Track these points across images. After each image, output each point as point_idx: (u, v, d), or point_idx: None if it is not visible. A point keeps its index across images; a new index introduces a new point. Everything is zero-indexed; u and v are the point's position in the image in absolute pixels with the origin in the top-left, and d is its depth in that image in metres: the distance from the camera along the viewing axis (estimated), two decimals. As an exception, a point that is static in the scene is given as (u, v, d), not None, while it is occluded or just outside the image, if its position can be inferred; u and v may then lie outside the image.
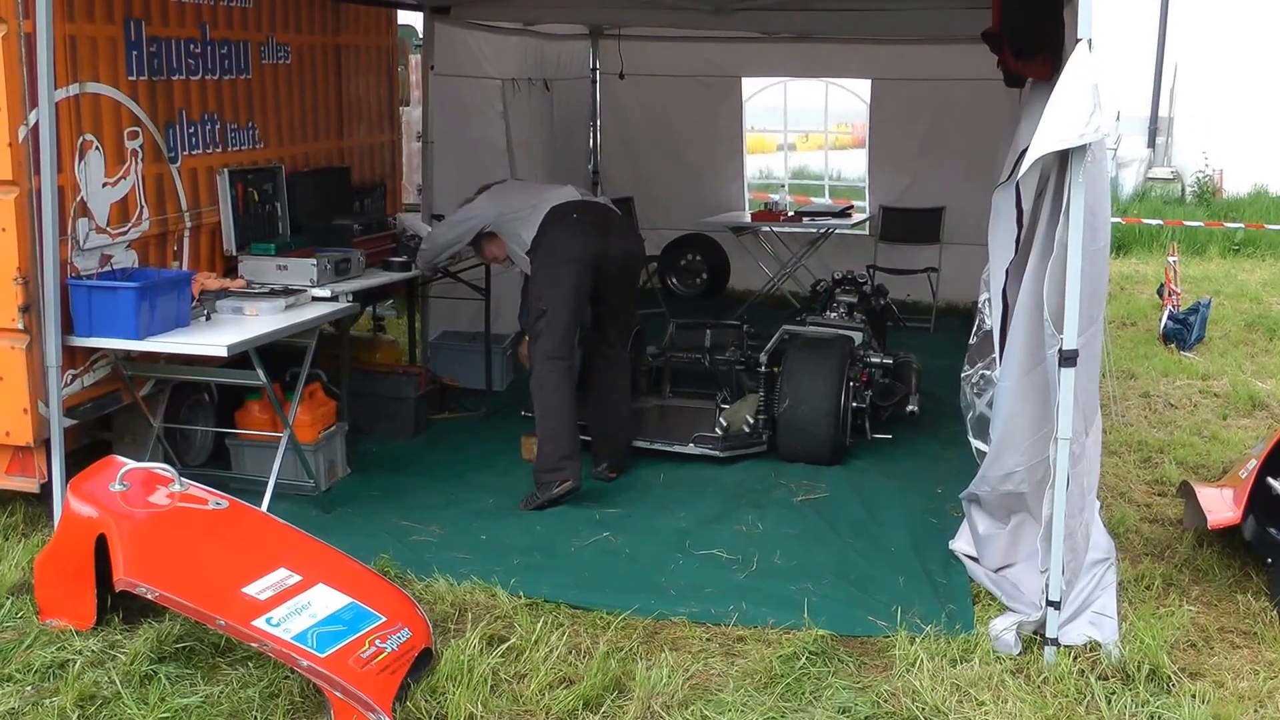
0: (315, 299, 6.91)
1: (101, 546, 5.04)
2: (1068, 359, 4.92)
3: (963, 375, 6.16)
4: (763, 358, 7.85)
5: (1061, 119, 4.74)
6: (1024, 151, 5.11)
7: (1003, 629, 5.20)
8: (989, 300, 5.85)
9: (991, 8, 6.25)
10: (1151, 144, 22.19)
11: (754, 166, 18.82)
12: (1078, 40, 4.78)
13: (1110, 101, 19.97)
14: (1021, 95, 6.31)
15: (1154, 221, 17.43)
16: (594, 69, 12.82)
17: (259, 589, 4.89)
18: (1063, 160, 4.95)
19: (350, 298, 7.11)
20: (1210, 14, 20.81)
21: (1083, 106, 4.71)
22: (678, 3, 9.12)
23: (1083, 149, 4.76)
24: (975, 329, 6.04)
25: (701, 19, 9.70)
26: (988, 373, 5.92)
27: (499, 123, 10.40)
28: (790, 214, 12.17)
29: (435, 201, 9.19)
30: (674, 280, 13.22)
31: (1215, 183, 20.80)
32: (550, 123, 11.55)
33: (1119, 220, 17.00)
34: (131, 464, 5.39)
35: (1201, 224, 17.34)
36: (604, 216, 7.29)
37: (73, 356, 6.09)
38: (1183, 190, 21.10)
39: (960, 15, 8.25)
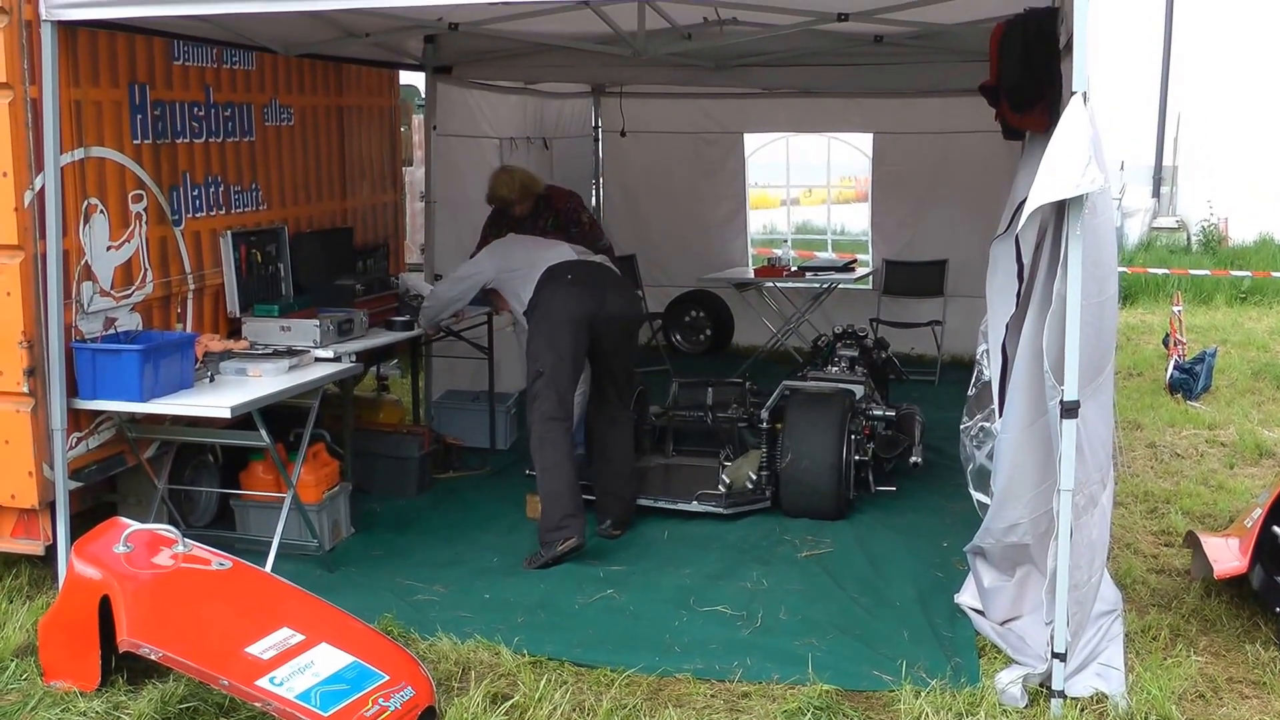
0: (318, 360, 6.94)
1: (106, 608, 5.05)
2: (1069, 410, 4.93)
3: (962, 427, 6.16)
4: (764, 414, 7.86)
5: (1057, 171, 4.76)
6: (1022, 203, 5.13)
7: (1009, 682, 5.17)
8: (987, 352, 5.86)
9: (989, 61, 6.29)
10: (1156, 193, 22.25)
11: (757, 222, 18.89)
12: (1072, 93, 4.81)
13: (1113, 151, 20.02)
14: (1021, 148, 6.34)
15: (1160, 271, 17.44)
16: (596, 127, 12.90)
17: (262, 648, 4.90)
18: (1060, 212, 4.97)
19: (353, 358, 7.14)
20: (1212, 62, 20.91)
21: (1078, 158, 4.73)
22: (678, 60, 9.19)
23: (1080, 201, 4.77)
24: (974, 381, 6.05)
25: (702, 76, 9.78)
26: (987, 425, 5.92)
27: None
28: (793, 269, 12.18)
29: (437, 261, 9.23)
30: (678, 337, 13.20)
31: (1220, 231, 20.83)
32: (549, 181, 11.59)
33: (1124, 270, 17.01)
34: (135, 525, 5.40)
35: (1208, 273, 17.36)
36: (599, 276, 7.31)
37: (77, 419, 6.12)
38: (1188, 239, 21.13)
39: (959, 69, 8.33)
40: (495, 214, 8.69)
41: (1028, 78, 5.82)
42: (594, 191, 13.09)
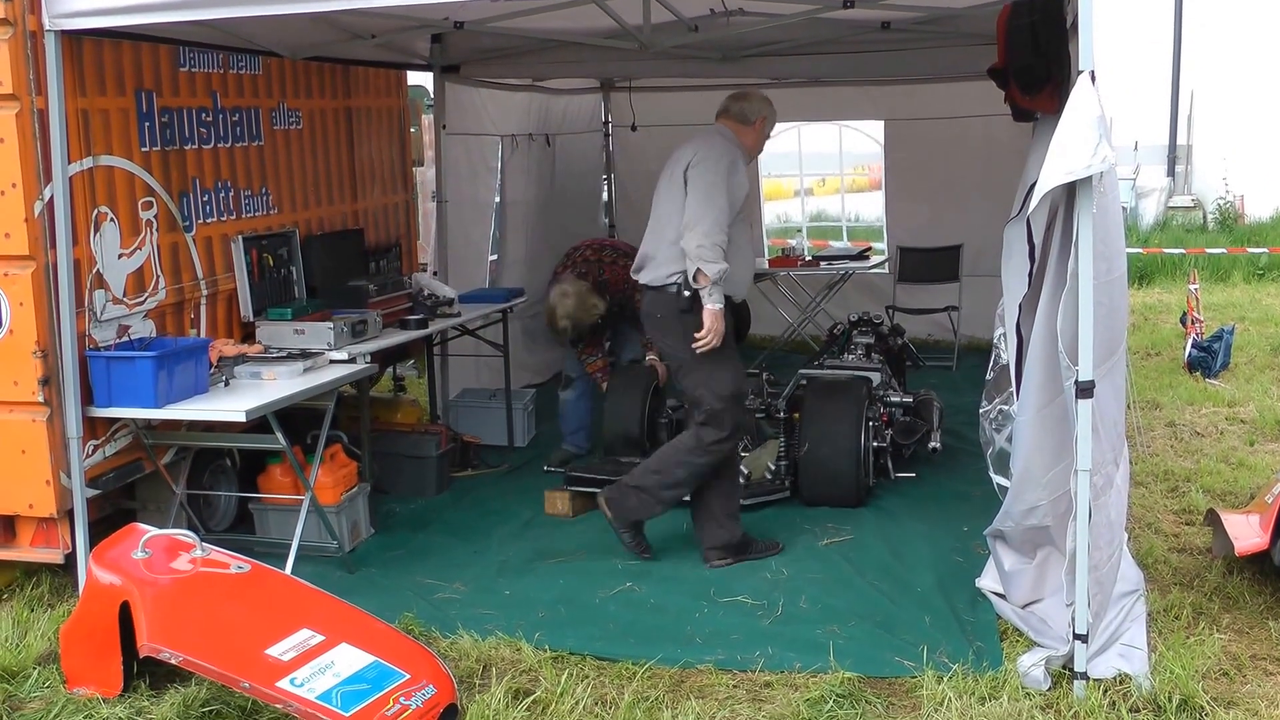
0: (333, 361, 6.94)
1: (126, 614, 5.06)
2: (1084, 390, 4.90)
3: (981, 411, 6.15)
4: (781, 403, 7.83)
5: (1067, 152, 4.74)
6: (1033, 186, 5.10)
7: (1031, 664, 5.15)
8: (1004, 335, 5.84)
9: (997, 44, 6.26)
10: (1171, 173, 22.17)
11: (771, 213, 18.86)
12: (1079, 73, 4.79)
13: (1126, 131, 20.02)
14: (1033, 129, 6.31)
15: (1176, 251, 17.37)
16: (606, 122, 12.88)
17: (282, 650, 4.90)
18: (1071, 193, 4.95)
19: (368, 359, 7.14)
20: (1224, 38, 20.83)
21: (1088, 138, 4.71)
22: (685, 53, 9.17)
23: (1090, 180, 4.75)
24: (991, 364, 6.03)
25: (711, 68, 9.75)
26: (1006, 408, 5.90)
27: (490, 180, 10.46)
28: (807, 259, 12.14)
29: (450, 259, 9.22)
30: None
31: (1236, 209, 20.74)
32: (550, 179, 11.56)
33: (1139, 251, 16.96)
34: (153, 531, 5.41)
35: (1224, 251, 17.28)
36: None
37: (93, 427, 6.14)
38: (1204, 218, 21.04)
39: (968, 53, 8.30)
40: None
41: (1036, 59, 5.78)
42: (605, 186, 13.06)
